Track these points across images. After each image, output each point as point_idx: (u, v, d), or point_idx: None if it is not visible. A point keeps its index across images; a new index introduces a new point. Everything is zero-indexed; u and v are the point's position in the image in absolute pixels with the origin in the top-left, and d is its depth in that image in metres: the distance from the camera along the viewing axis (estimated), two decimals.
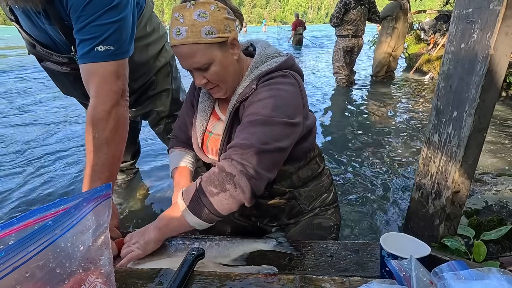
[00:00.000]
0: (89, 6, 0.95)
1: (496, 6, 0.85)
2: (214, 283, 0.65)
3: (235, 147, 0.79)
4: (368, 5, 5.06)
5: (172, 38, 0.84)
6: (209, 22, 0.81)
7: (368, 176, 2.44)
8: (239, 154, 0.77)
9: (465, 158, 1.00)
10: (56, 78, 1.40)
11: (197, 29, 0.81)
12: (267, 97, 0.84)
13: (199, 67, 0.85)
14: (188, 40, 0.81)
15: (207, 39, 0.82)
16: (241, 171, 0.76)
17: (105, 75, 1.01)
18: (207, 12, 0.82)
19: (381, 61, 6.17)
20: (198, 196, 0.78)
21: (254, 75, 0.91)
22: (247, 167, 0.76)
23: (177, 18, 0.82)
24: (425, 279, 0.52)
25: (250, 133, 0.80)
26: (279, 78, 0.88)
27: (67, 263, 0.46)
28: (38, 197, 2.15)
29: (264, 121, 0.81)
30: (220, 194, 0.76)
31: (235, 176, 0.76)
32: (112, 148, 1.03)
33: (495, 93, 0.94)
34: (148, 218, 1.91)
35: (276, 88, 0.85)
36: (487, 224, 1.38)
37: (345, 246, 0.94)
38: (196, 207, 0.78)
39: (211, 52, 0.84)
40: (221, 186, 0.76)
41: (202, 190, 0.78)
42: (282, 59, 0.93)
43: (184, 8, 0.82)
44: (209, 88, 0.92)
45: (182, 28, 0.81)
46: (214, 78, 0.88)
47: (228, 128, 0.92)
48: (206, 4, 0.82)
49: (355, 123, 3.82)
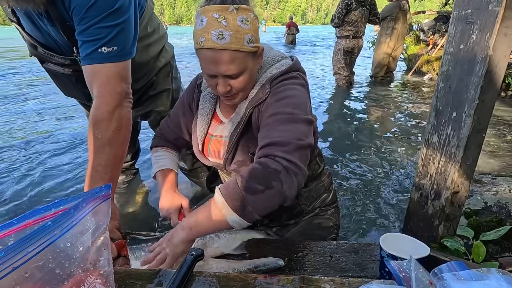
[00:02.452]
0: (93, 8, 0.95)
1: (495, 7, 0.85)
2: (213, 284, 0.65)
3: (274, 144, 0.77)
4: (369, 6, 5.06)
5: (209, 39, 0.77)
6: (251, 30, 0.80)
7: (367, 176, 2.45)
8: (281, 150, 0.75)
9: (464, 158, 1.01)
10: (57, 79, 1.40)
11: (241, 36, 0.78)
12: (286, 96, 0.84)
13: (231, 74, 0.82)
14: (231, 46, 0.78)
15: (248, 48, 0.80)
16: (287, 167, 0.74)
17: (108, 76, 1.01)
18: (249, 20, 0.80)
19: (380, 61, 6.18)
20: (242, 194, 0.73)
21: (264, 78, 0.91)
22: (291, 163, 0.74)
23: (218, 19, 0.77)
24: (424, 280, 0.52)
25: (282, 130, 0.79)
26: (292, 79, 0.89)
27: (66, 264, 0.46)
28: (39, 197, 2.15)
29: (290, 118, 0.80)
30: (266, 191, 0.73)
31: (280, 172, 0.73)
32: (115, 149, 1.03)
33: (494, 93, 0.94)
34: (148, 219, 1.91)
35: (292, 87, 0.86)
36: (486, 225, 1.38)
37: (345, 246, 0.94)
38: (239, 206, 0.73)
39: (246, 61, 0.82)
40: (266, 183, 0.73)
41: (245, 188, 0.73)
42: (288, 61, 0.94)
43: (226, 11, 0.77)
44: (228, 95, 0.88)
45: (226, 32, 0.77)
46: (239, 86, 0.85)
47: (239, 132, 0.91)
48: (247, 11, 0.80)
49: (354, 123, 3.82)
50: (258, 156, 0.79)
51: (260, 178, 0.74)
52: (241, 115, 0.91)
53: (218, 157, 1.00)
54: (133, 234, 1.05)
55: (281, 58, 0.96)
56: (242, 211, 0.74)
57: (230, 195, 0.75)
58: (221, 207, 0.75)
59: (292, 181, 0.74)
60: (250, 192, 0.73)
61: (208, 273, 0.68)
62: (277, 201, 0.75)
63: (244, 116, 0.90)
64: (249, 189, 0.73)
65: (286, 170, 0.73)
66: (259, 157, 0.78)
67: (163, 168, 1.08)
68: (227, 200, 0.74)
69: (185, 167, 1.94)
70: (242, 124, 0.91)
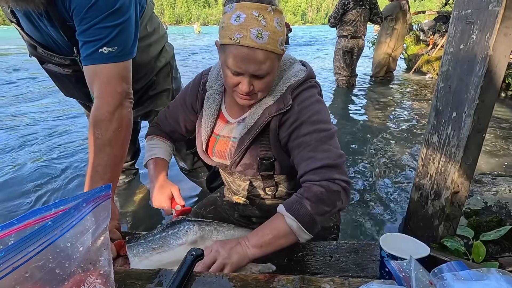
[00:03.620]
0: (93, 8, 0.95)
1: (495, 7, 0.85)
2: (213, 284, 0.65)
3: (328, 167, 0.84)
4: (369, 6, 5.04)
5: (248, 37, 0.77)
6: (283, 33, 0.82)
7: (367, 177, 2.45)
8: (337, 173, 0.84)
9: (464, 158, 1.01)
10: (57, 80, 1.40)
11: (276, 37, 0.80)
12: (316, 112, 0.88)
13: (260, 74, 0.83)
14: (268, 47, 0.79)
15: (279, 50, 0.82)
16: (345, 187, 0.83)
17: (109, 76, 1.01)
18: (282, 22, 0.81)
19: (380, 61, 6.18)
20: (313, 216, 0.81)
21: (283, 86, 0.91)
22: (344, 182, 0.84)
23: (258, 18, 0.77)
24: (424, 280, 0.52)
25: (327, 150, 0.86)
26: (312, 89, 0.92)
27: (66, 264, 0.46)
28: (39, 197, 2.15)
29: (328, 135, 0.87)
30: (332, 210, 0.83)
31: (340, 192, 0.83)
32: (115, 149, 1.03)
33: (494, 93, 0.94)
34: (148, 219, 1.91)
35: (316, 101, 0.91)
36: (486, 225, 1.38)
37: (345, 246, 0.94)
38: (312, 226, 0.82)
39: (275, 62, 0.85)
40: (333, 205, 0.82)
41: (317, 211, 0.81)
42: (301, 67, 0.95)
43: (265, 10, 0.78)
44: (248, 95, 0.87)
45: (264, 32, 0.78)
46: (262, 87, 0.86)
47: (253, 135, 0.92)
48: (281, 14, 0.81)
49: (354, 123, 3.82)
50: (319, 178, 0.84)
51: (326, 201, 0.82)
52: (255, 119, 0.91)
53: (224, 158, 0.99)
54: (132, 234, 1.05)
55: (293, 62, 0.97)
56: (313, 230, 0.83)
57: (302, 218, 0.81)
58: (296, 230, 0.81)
59: (347, 196, 0.85)
60: (321, 214, 0.82)
61: (208, 273, 0.68)
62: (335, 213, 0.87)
63: (260, 122, 0.91)
64: (320, 212, 0.82)
65: (344, 189, 0.83)
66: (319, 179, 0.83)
67: (154, 157, 1.07)
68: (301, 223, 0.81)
69: (185, 167, 1.94)
70: (257, 129, 0.91)
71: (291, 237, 0.82)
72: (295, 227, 0.81)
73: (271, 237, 0.82)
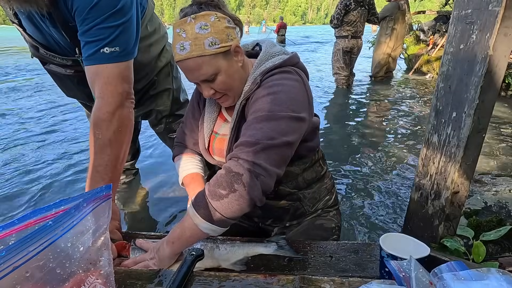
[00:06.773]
0: (95, 8, 0.95)
1: (495, 7, 0.85)
2: (213, 284, 0.65)
3: (241, 145, 0.77)
4: (367, 6, 5.08)
5: (176, 54, 0.84)
6: (211, 33, 0.82)
7: (367, 177, 2.45)
8: (245, 152, 0.75)
9: (464, 158, 1.01)
10: (59, 80, 1.40)
11: (200, 42, 0.81)
12: (271, 92, 0.83)
13: (206, 78, 0.86)
14: (193, 54, 0.82)
15: (211, 50, 0.83)
16: (249, 169, 0.73)
17: (110, 76, 1.01)
18: (208, 24, 0.82)
19: (380, 61, 6.19)
20: (208, 201, 0.74)
21: (258, 71, 0.91)
22: (254, 165, 0.74)
23: (179, 33, 0.82)
24: (424, 280, 0.52)
25: (256, 129, 0.78)
26: (283, 74, 0.87)
27: (67, 264, 0.47)
28: (39, 197, 2.15)
29: (269, 116, 0.79)
30: (230, 195, 0.73)
31: (242, 175, 0.73)
32: (115, 150, 1.03)
33: (494, 93, 0.94)
34: (148, 219, 1.91)
35: (279, 83, 0.85)
36: (486, 225, 1.38)
37: (345, 246, 0.94)
38: (207, 213, 0.74)
39: (216, 62, 0.85)
40: (229, 187, 0.73)
41: (211, 194, 0.74)
42: (286, 56, 0.93)
43: (185, 23, 0.82)
44: (217, 97, 0.93)
45: (185, 43, 0.82)
46: (221, 87, 0.88)
47: (236, 127, 0.92)
48: (206, 16, 0.82)
49: (354, 124, 3.82)
50: (228, 157, 0.79)
51: (223, 183, 0.74)
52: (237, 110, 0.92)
53: (222, 156, 1.00)
54: (133, 234, 1.05)
55: (281, 53, 0.95)
56: (212, 218, 0.74)
57: (197, 203, 0.76)
58: (192, 217, 0.76)
59: (255, 183, 0.73)
60: (215, 198, 0.73)
61: (209, 273, 0.69)
62: (243, 203, 0.74)
63: (238, 110, 0.91)
64: (214, 195, 0.74)
65: (249, 172, 0.73)
66: (227, 159, 0.79)
67: (186, 174, 1.08)
68: (196, 208, 0.76)
69: None
70: (236, 118, 0.91)
71: (192, 226, 0.76)
72: (191, 213, 0.76)
73: (179, 231, 0.80)
